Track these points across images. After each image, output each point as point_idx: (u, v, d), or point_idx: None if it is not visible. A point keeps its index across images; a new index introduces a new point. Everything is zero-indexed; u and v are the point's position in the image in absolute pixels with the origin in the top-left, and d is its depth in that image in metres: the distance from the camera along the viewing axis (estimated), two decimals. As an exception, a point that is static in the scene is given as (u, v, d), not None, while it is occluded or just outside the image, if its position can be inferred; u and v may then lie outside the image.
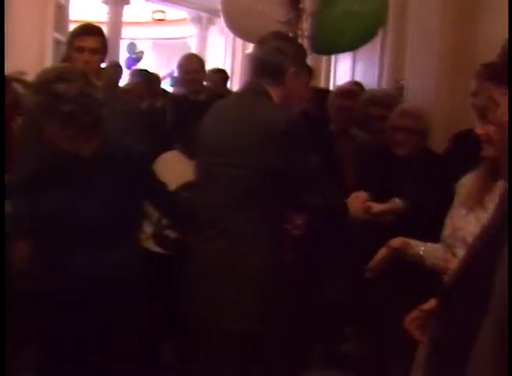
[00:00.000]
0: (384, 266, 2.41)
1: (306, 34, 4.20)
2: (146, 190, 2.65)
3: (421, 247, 2.37)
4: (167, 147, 3.50)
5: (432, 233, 2.47)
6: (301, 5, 4.30)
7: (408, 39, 4.93)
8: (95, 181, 2.48)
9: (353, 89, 4.51)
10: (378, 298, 3.31)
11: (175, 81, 6.21)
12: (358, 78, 6.03)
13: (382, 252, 2.41)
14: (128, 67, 13.48)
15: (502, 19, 3.95)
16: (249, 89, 2.73)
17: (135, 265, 2.62)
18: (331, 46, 4.27)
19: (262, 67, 2.65)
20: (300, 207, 2.80)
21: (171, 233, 3.14)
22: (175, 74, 6.93)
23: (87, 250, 2.47)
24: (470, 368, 1.07)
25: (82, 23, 3.49)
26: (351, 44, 4.41)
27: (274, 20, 4.16)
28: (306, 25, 4.29)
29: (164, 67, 15.61)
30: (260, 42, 2.72)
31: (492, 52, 3.69)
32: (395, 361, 3.22)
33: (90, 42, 3.25)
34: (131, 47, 16.65)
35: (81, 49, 3.22)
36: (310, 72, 3.95)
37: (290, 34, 4.08)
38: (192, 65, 4.96)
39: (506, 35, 3.61)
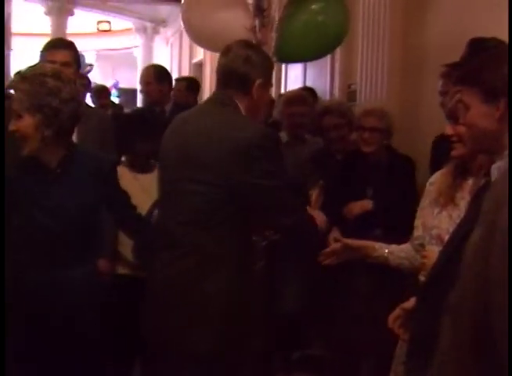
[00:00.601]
0: (341, 257, 2.43)
1: (271, 42, 4.21)
2: (112, 206, 2.64)
3: (385, 250, 2.39)
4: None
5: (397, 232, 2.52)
6: (265, 13, 4.32)
7: (358, 44, 4.97)
8: (58, 193, 2.45)
9: (301, 95, 4.56)
10: (347, 300, 3.34)
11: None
12: (309, 84, 6.07)
13: (336, 245, 2.48)
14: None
15: (449, 21, 4.03)
16: (216, 100, 2.61)
17: (92, 282, 2.60)
18: (295, 56, 4.29)
19: (229, 77, 2.55)
20: (266, 224, 2.79)
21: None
22: (119, 84, 7.06)
23: (45, 264, 2.44)
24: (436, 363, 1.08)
25: (52, 39, 3.55)
26: (315, 54, 4.44)
27: (239, 27, 4.16)
28: (271, 34, 4.31)
29: (109, 78, 15.49)
30: (226, 51, 2.61)
31: (440, 53, 3.77)
32: (365, 361, 3.24)
33: (60, 56, 3.24)
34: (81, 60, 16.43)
35: (52, 63, 3.19)
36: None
37: (254, 42, 4.09)
38: (143, 77, 4.98)
39: (454, 37, 3.69)
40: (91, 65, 15.12)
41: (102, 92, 7.52)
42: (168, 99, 5.01)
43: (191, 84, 6.36)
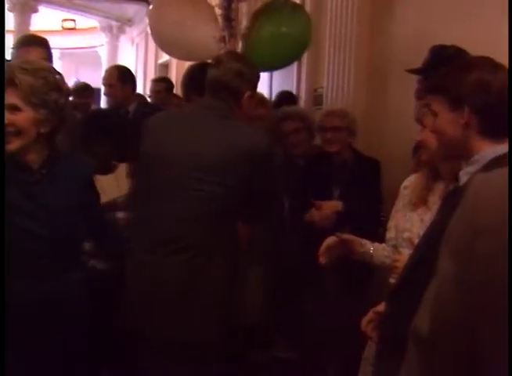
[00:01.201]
0: (332, 254, 2.43)
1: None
2: (89, 210, 2.56)
3: (370, 246, 2.42)
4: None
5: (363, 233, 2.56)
6: (233, 24, 4.34)
7: (325, 49, 5.02)
8: (42, 195, 2.35)
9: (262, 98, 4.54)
10: (313, 302, 3.37)
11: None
12: (276, 88, 6.10)
13: (330, 239, 2.44)
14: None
15: (414, 27, 4.11)
16: (213, 109, 2.73)
17: (80, 288, 2.52)
18: (262, 65, 4.34)
19: (221, 89, 2.72)
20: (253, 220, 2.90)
21: (98, 264, 3.09)
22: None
23: (31, 273, 2.34)
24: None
25: (26, 35, 3.46)
26: (280, 63, 4.52)
27: (207, 36, 4.18)
28: (238, 44, 4.35)
29: (72, 77, 15.31)
30: (217, 63, 2.80)
31: (405, 58, 3.83)
32: (332, 363, 3.27)
33: (35, 53, 3.21)
34: None
35: None
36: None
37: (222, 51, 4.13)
38: (106, 79, 4.91)
39: (418, 42, 3.77)
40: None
41: (84, 91, 7.04)
42: (132, 99, 4.97)
43: (169, 85, 6.38)
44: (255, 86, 2.85)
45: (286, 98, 5.35)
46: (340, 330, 3.03)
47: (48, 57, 3.29)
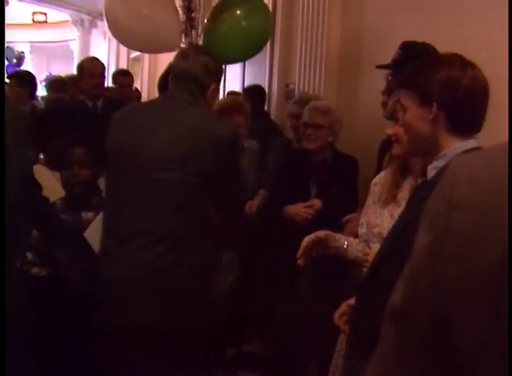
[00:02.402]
0: (310, 254, 2.43)
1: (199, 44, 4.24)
2: (34, 207, 2.50)
3: (344, 241, 2.43)
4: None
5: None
6: (194, 15, 4.33)
7: (297, 43, 5.04)
8: None
9: (236, 102, 4.49)
10: (287, 298, 3.38)
11: (74, 84, 5.98)
12: (248, 82, 6.10)
13: (308, 239, 2.42)
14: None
15: (383, 18, 4.13)
16: (180, 98, 2.77)
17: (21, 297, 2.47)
18: (221, 58, 4.35)
19: (187, 80, 2.77)
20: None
21: (41, 271, 3.04)
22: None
23: None
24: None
25: None
26: (239, 56, 4.52)
27: (167, 28, 4.16)
28: (199, 36, 4.34)
29: (43, 71, 15.18)
30: (184, 55, 2.86)
31: (376, 54, 3.86)
32: (310, 360, 3.29)
33: None
34: (8, 52, 15.85)
35: None
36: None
37: (183, 45, 4.12)
38: (97, 69, 4.83)
39: (388, 38, 3.80)
40: (21, 53, 14.56)
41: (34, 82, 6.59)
42: (102, 93, 4.94)
43: (132, 78, 6.38)
44: (219, 79, 2.92)
45: (254, 92, 5.35)
46: (317, 325, 3.04)
47: None
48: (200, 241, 2.64)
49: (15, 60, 15.13)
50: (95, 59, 5.15)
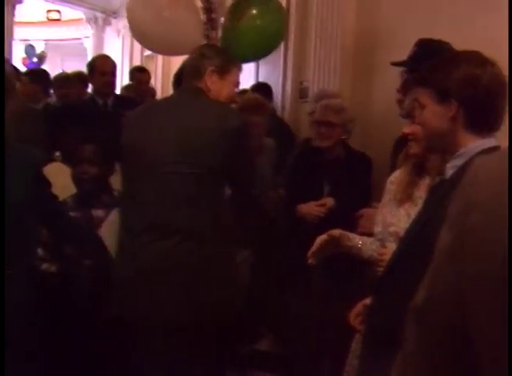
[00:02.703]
0: (322, 253, 2.41)
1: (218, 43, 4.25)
2: (42, 205, 2.47)
3: (358, 240, 2.41)
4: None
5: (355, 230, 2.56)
6: (214, 16, 4.33)
7: (310, 41, 5.01)
8: None
9: (257, 102, 4.47)
10: (301, 297, 3.36)
11: (80, 81, 5.98)
12: (262, 80, 6.08)
13: (321, 239, 2.40)
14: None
15: (399, 15, 4.11)
16: (188, 91, 2.85)
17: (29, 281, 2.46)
18: (237, 57, 4.36)
19: (189, 71, 2.85)
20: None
21: (50, 267, 3.01)
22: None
23: None
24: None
25: None
26: (254, 55, 4.57)
27: (187, 28, 4.16)
28: (218, 36, 4.35)
29: (57, 69, 15.23)
30: (193, 52, 2.94)
31: (392, 50, 3.83)
32: (321, 359, 3.27)
33: None
34: (30, 49, 15.89)
35: None
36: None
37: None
38: (108, 67, 4.83)
39: (403, 31, 3.78)
40: (43, 52, 14.52)
41: (48, 80, 6.48)
42: (112, 91, 4.95)
43: (149, 75, 6.44)
44: (219, 63, 2.85)
45: (260, 90, 5.34)
46: (329, 324, 3.03)
47: None
48: (212, 235, 2.64)
49: (36, 59, 15.12)
50: (106, 57, 5.16)
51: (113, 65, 4.92)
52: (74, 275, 2.94)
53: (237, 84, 3.03)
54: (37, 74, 6.32)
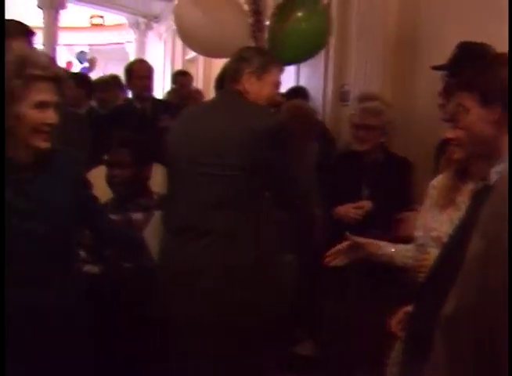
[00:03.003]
0: (347, 257, 2.41)
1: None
2: (83, 206, 2.46)
3: (391, 248, 2.39)
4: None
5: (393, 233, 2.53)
6: (261, 17, 4.35)
7: (352, 45, 4.99)
8: (39, 195, 2.24)
9: (304, 112, 4.51)
10: (338, 301, 3.34)
11: (117, 85, 6.05)
12: (302, 84, 6.06)
13: (343, 244, 2.44)
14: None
15: (442, 19, 4.05)
16: (226, 95, 2.91)
17: (78, 293, 2.44)
18: (284, 59, 4.37)
19: (228, 74, 2.88)
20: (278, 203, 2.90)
21: (93, 268, 3.02)
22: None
23: (30, 277, 2.23)
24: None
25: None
26: (299, 57, 4.57)
27: (234, 31, 4.18)
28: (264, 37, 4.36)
29: (100, 73, 15.41)
30: (230, 57, 2.97)
31: (434, 54, 3.78)
32: (358, 364, 3.24)
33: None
34: (81, 55, 16.11)
35: None
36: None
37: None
38: (144, 71, 4.89)
39: (445, 39, 3.72)
40: (93, 58, 14.69)
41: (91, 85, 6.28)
42: (150, 95, 4.99)
43: (191, 78, 6.57)
44: (256, 64, 2.86)
45: (296, 93, 5.33)
46: (366, 330, 3.00)
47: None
48: (246, 236, 2.66)
49: (87, 64, 15.33)
50: (143, 62, 5.23)
51: (149, 69, 4.97)
52: (116, 277, 2.97)
53: (278, 84, 3.01)
54: (81, 78, 6.38)
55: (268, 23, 4.42)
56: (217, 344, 2.64)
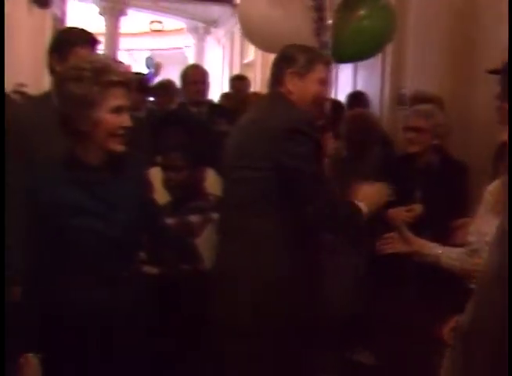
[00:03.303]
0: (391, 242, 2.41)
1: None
2: (147, 211, 2.47)
3: (438, 250, 2.37)
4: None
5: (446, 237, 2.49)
6: (323, 14, 4.32)
7: (409, 47, 4.94)
8: (110, 197, 2.27)
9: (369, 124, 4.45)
10: (399, 309, 3.31)
11: (172, 90, 6.14)
12: (360, 87, 6.03)
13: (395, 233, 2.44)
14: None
15: (502, 22, 3.97)
16: (267, 98, 2.91)
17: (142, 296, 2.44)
18: (346, 57, 4.41)
19: (270, 76, 2.84)
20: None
21: (152, 269, 3.01)
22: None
23: (100, 279, 2.26)
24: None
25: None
26: (361, 56, 4.53)
27: (296, 28, 4.16)
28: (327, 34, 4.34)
29: (160, 78, 15.60)
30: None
31: (491, 56, 3.71)
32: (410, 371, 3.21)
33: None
34: (149, 61, 16.36)
35: None
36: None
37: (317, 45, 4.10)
38: (198, 76, 4.95)
39: (505, 39, 3.63)
40: (159, 63, 14.92)
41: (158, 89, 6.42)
42: (204, 98, 5.05)
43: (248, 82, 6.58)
44: (299, 64, 2.76)
45: (357, 100, 5.30)
46: (420, 337, 2.96)
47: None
48: (278, 238, 2.61)
49: (153, 69, 15.59)
50: (197, 67, 5.29)
51: (203, 74, 5.02)
52: (174, 278, 3.00)
53: (324, 81, 2.86)
54: (141, 82, 6.50)
55: (331, 20, 4.38)
56: (253, 346, 2.60)
